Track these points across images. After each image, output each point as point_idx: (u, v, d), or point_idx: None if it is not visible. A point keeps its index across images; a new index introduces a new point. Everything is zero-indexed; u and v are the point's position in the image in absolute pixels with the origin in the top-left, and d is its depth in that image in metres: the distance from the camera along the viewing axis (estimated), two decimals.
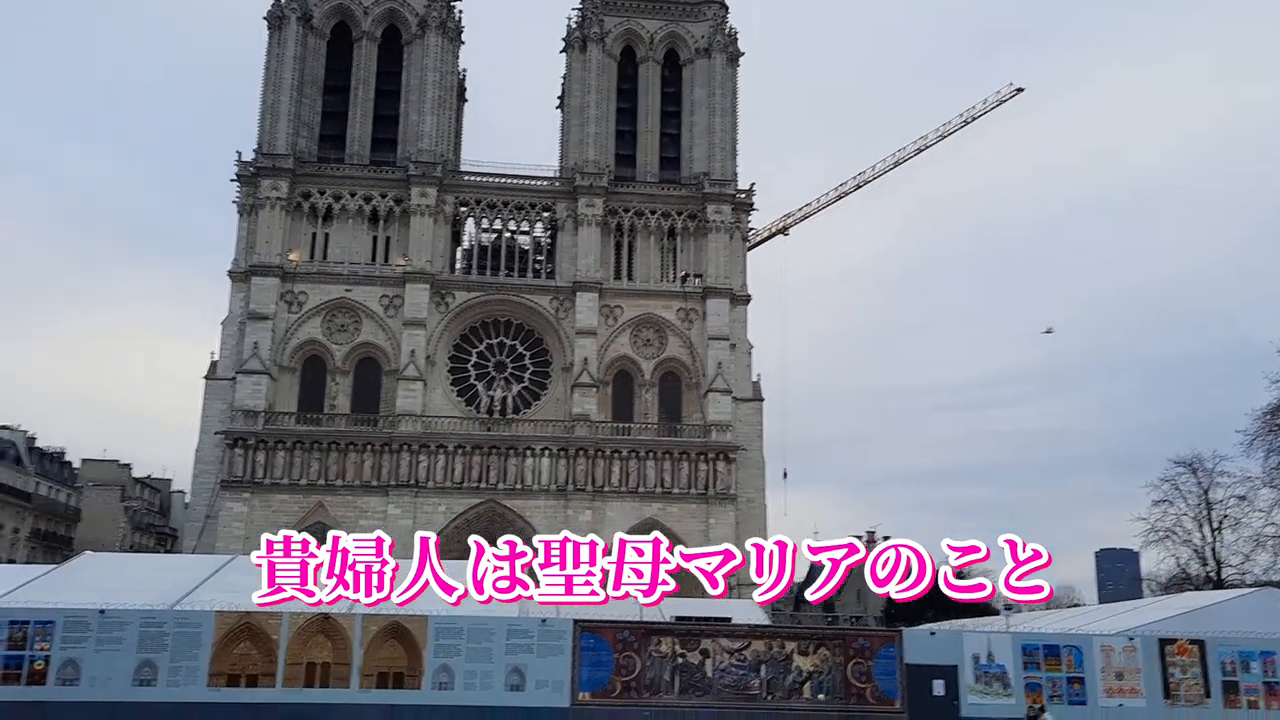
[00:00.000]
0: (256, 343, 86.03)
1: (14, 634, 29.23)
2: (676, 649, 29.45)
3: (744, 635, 29.87)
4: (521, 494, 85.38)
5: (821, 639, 29.83)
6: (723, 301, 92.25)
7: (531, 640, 29.75)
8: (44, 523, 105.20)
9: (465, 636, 29.70)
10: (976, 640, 29.83)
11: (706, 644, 29.49)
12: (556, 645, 29.75)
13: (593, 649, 29.47)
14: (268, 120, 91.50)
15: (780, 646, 29.42)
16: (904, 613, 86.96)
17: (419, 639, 29.60)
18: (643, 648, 29.47)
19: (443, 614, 29.91)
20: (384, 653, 29.53)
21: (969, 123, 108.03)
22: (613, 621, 30.28)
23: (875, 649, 29.47)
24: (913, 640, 29.85)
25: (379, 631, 29.63)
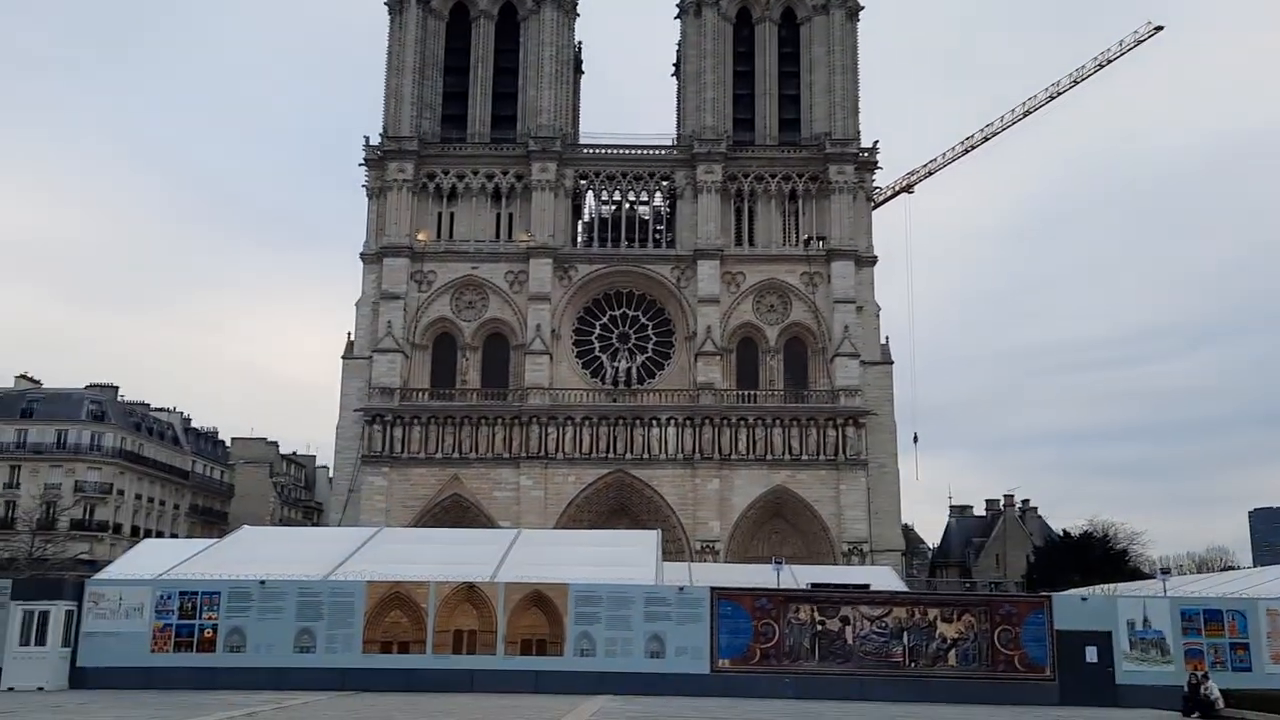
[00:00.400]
0: (390, 322, 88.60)
1: (184, 604, 31.01)
2: (815, 616, 29.31)
3: (885, 602, 29.51)
4: (649, 464, 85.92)
5: (966, 605, 29.24)
6: (848, 263, 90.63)
7: (670, 608, 30.02)
8: (201, 499, 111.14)
9: (604, 604, 30.16)
10: (1132, 605, 28.79)
11: (846, 611, 29.26)
12: (694, 613, 29.97)
13: (730, 616, 29.57)
14: (392, 104, 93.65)
15: (923, 613, 28.97)
16: (1046, 578, 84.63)
17: (560, 607, 30.21)
18: (781, 615, 29.41)
19: (582, 582, 30.43)
20: (526, 620, 30.25)
21: (1103, 66, 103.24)
22: (750, 589, 30.35)
23: (1023, 615, 28.74)
24: (1063, 606, 29.00)
25: (521, 599, 30.36)
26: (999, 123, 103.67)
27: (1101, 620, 28.71)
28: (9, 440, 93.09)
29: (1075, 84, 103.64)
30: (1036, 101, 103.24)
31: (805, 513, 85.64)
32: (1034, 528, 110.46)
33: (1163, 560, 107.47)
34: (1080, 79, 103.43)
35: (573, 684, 29.11)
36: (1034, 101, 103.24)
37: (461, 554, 34.56)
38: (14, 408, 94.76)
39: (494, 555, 33.72)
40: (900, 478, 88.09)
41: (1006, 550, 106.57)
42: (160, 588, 31.19)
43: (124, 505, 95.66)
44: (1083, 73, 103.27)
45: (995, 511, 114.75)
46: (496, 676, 29.61)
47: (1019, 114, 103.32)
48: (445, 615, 30.35)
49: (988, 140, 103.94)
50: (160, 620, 30.92)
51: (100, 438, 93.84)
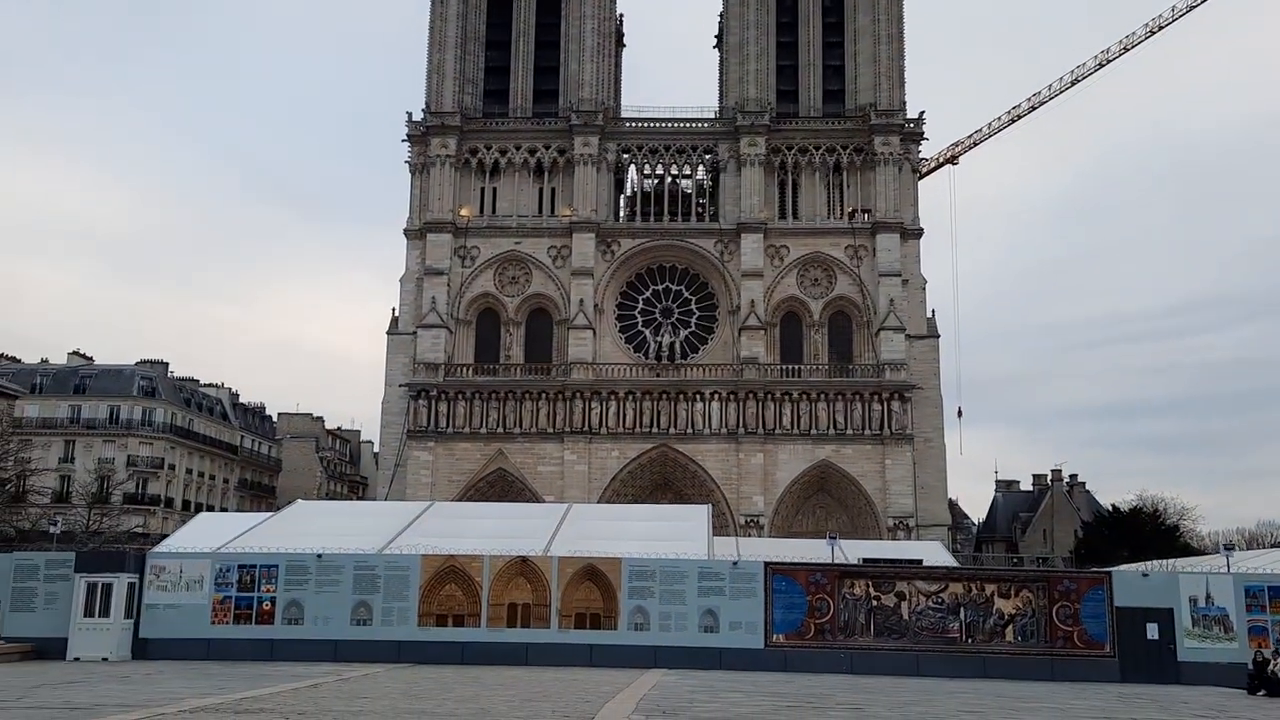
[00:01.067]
0: (434, 297, 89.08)
1: (243, 577, 31.45)
2: (871, 591, 29.12)
3: (941, 577, 29.27)
4: (693, 438, 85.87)
5: (1024, 581, 28.90)
6: (893, 236, 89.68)
7: (723, 582, 29.97)
8: (249, 473, 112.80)
9: (658, 579, 30.17)
10: (1194, 582, 28.33)
11: (902, 586, 29.04)
12: (748, 588, 29.89)
13: (785, 591, 29.47)
14: (434, 79, 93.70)
15: (980, 589, 28.69)
16: (1096, 554, 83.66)
17: (613, 581, 30.25)
18: (835, 590, 29.26)
19: (636, 556, 30.44)
20: (580, 594, 30.33)
21: (1155, 32, 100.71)
22: (804, 564, 30.21)
23: (1082, 591, 28.37)
24: (1123, 582, 28.59)
25: (575, 573, 30.44)
26: (1047, 91, 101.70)
27: (1163, 597, 28.29)
28: (63, 416, 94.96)
29: (1125, 51, 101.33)
30: (1085, 70, 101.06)
31: (850, 487, 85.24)
32: (1082, 503, 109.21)
33: (1212, 536, 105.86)
34: (1130, 46, 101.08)
35: (627, 658, 29.19)
36: (1082, 70, 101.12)
37: (514, 528, 34.70)
38: (68, 384, 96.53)
39: (546, 529, 33.83)
40: (946, 452, 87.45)
41: (1054, 526, 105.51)
42: (220, 560, 31.64)
43: (175, 479, 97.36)
44: (1133, 39, 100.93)
45: (1042, 486, 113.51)
46: (551, 650, 29.77)
47: (1066, 83, 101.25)
48: (499, 589, 30.52)
49: (1035, 110, 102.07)
50: (220, 593, 31.39)
51: (151, 413, 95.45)
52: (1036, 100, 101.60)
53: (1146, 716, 19.82)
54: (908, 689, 24.30)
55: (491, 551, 30.93)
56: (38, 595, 31.91)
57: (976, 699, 22.67)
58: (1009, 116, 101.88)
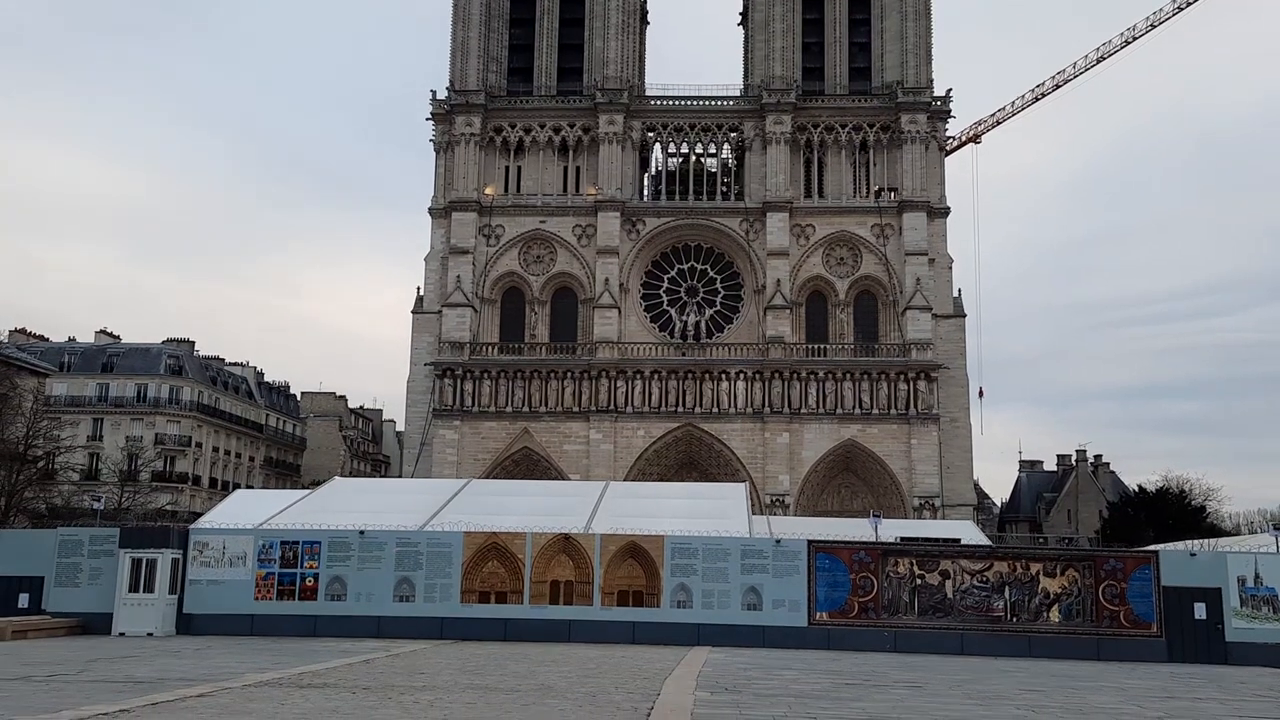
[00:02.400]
0: (459, 276, 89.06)
1: (286, 554, 31.57)
2: (915, 569, 29.01)
3: (985, 556, 29.12)
4: (718, 418, 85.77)
5: (1069, 560, 28.75)
6: (920, 215, 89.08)
7: (766, 560, 29.92)
8: (275, 451, 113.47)
9: (700, 556, 30.15)
10: (1243, 561, 28.10)
11: (946, 565, 28.92)
12: (791, 565, 29.83)
13: (828, 569, 29.40)
14: (458, 58, 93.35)
15: (1025, 568, 28.54)
16: (1122, 534, 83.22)
17: (656, 558, 30.25)
18: (879, 568, 29.16)
19: (678, 534, 30.42)
20: (623, 571, 30.34)
21: (1182, 8, 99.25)
22: (848, 542, 30.12)
23: (1129, 571, 28.19)
24: (1170, 562, 28.40)
25: (617, 551, 30.45)
26: (1071, 69, 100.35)
27: (1211, 576, 28.11)
28: (91, 394, 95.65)
29: (1152, 28, 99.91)
30: (1111, 47, 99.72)
31: (875, 467, 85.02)
32: (1106, 483, 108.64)
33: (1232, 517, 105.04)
34: (1158, 22, 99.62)
35: (670, 636, 29.22)
36: (1108, 47, 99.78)
37: (552, 505, 34.76)
38: (95, 362, 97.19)
39: (585, 507, 33.87)
40: (972, 433, 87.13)
41: (1079, 506, 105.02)
42: (262, 537, 31.80)
43: (202, 457, 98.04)
44: (1160, 15, 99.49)
45: (1066, 467, 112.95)
46: (594, 627, 29.82)
47: (1092, 60, 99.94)
48: (541, 566, 30.58)
49: (1059, 89, 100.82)
50: (263, 569, 31.56)
51: (179, 392, 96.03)
52: (1061, 79, 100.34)
53: (1208, 696, 19.69)
54: (958, 668, 24.23)
55: (534, 529, 30.97)
56: (82, 571, 32.16)
57: (1030, 678, 22.59)
58: (1033, 95, 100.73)
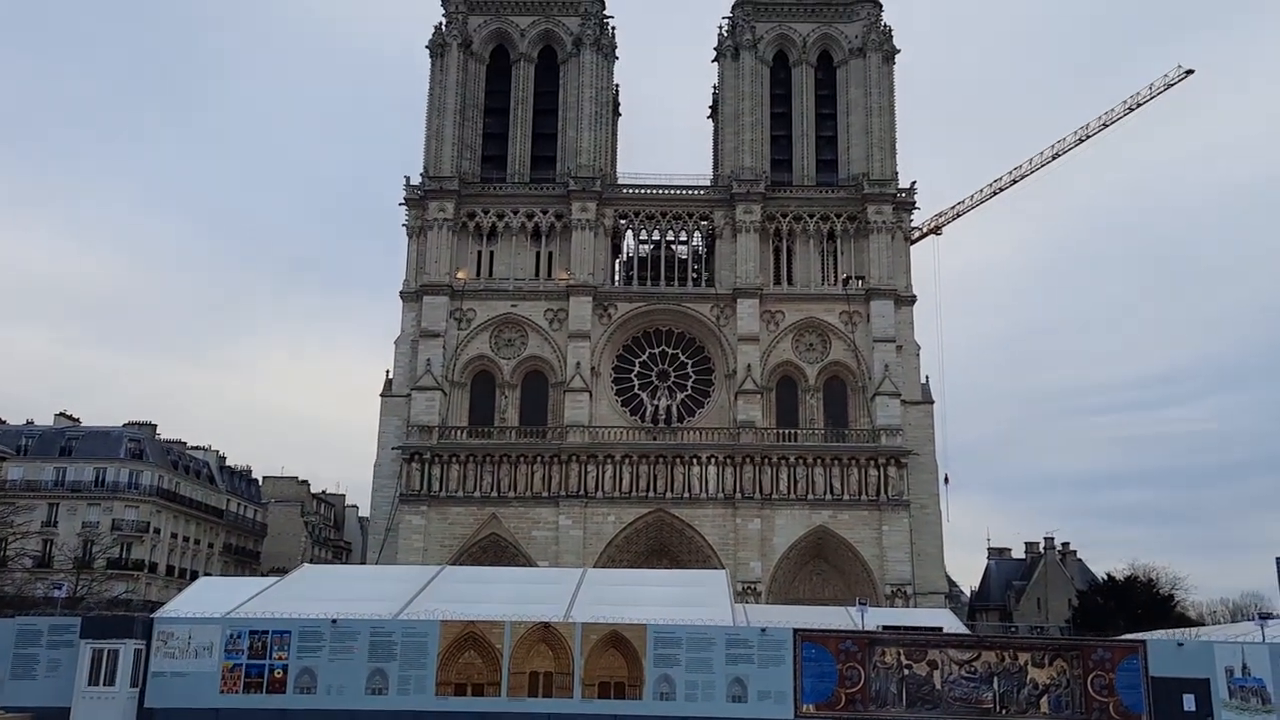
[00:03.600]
0: (429, 359, 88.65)
1: (254, 644, 30.53)
2: (902, 659, 28.53)
3: (973, 646, 28.72)
4: (689, 503, 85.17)
5: (1058, 650, 28.41)
6: (887, 303, 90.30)
7: (752, 650, 29.34)
8: (235, 537, 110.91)
9: (685, 646, 29.52)
10: (1230, 651, 27.90)
11: (934, 654, 28.46)
12: (777, 655, 29.28)
13: (815, 659, 28.85)
14: (433, 145, 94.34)
15: (1013, 657, 28.17)
16: (1092, 623, 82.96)
17: (638, 648, 29.59)
18: (866, 658, 28.67)
19: (661, 622, 29.83)
20: (604, 662, 29.62)
21: (1133, 109, 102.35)
22: (835, 631, 29.65)
23: (1117, 661, 27.90)
24: (1158, 651, 28.15)
25: (599, 640, 29.76)
26: (1028, 165, 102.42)
27: (1199, 667, 27.86)
28: (48, 479, 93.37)
29: (1104, 127, 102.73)
30: (1065, 145, 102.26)
31: (847, 553, 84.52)
32: (1074, 571, 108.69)
33: (1196, 606, 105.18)
34: (1109, 122, 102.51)
35: None
36: (1063, 145, 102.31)
37: (529, 593, 34.03)
38: (54, 445, 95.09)
39: (563, 594, 33.17)
40: (942, 519, 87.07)
41: (1048, 594, 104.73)
42: (230, 626, 30.76)
43: (160, 544, 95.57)
44: (1112, 116, 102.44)
45: (1035, 555, 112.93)
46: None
47: (1047, 157, 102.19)
48: (520, 656, 29.76)
49: (1016, 183, 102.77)
50: (230, 660, 30.46)
51: (138, 476, 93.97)
52: (1018, 174, 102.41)
53: None
54: None
55: (512, 617, 30.22)
56: (40, 662, 30.91)
57: None
58: (991, 189, 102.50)
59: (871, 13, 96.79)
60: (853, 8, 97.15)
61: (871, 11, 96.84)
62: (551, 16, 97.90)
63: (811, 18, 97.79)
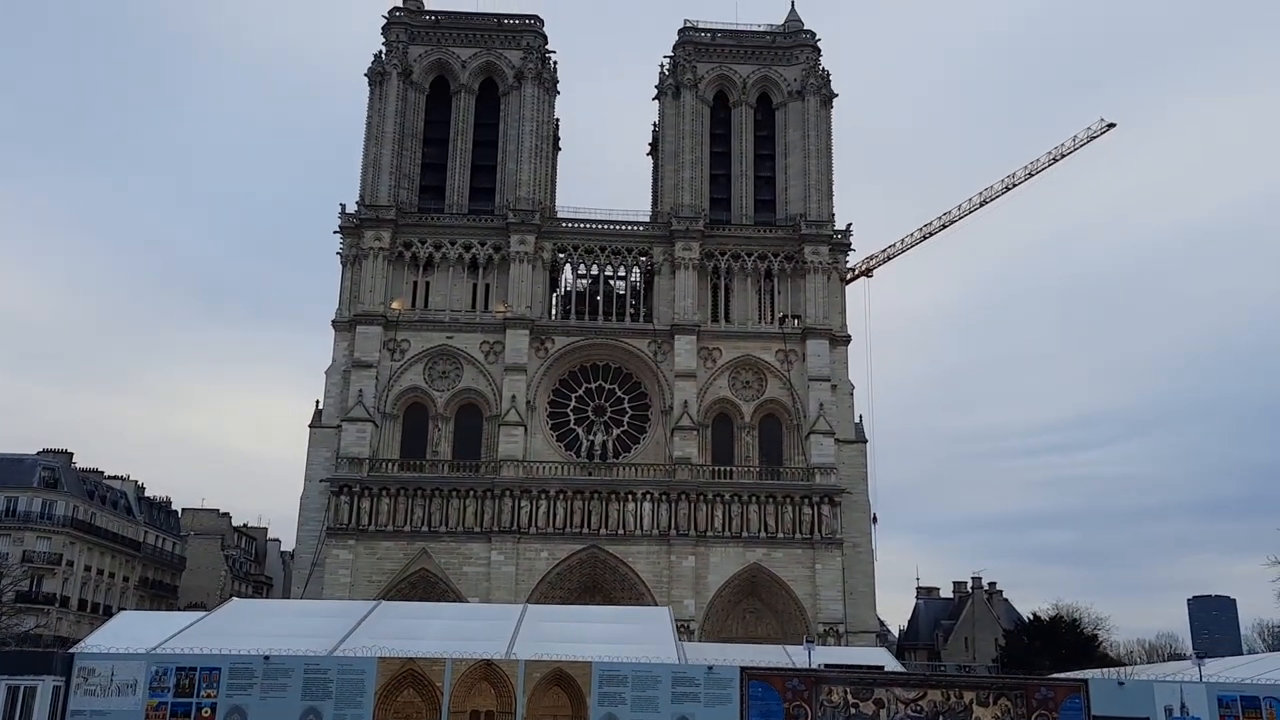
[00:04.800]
0: (361, 390, 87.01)
1: (181, 680, 29.27)
2: (849, 698, 28.34)
3: (919, 685, 28.65)
4: (624, 539, 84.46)
5: (1002, 689, 28.47)
6: (822, 342, 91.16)
7: (698, 688, 28.91)
8: (151, 571, 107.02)
9: (630, 684, 29.00)
10: (1169, 691, 28.24)
11: (881, 693, 28.34)
12: (724, 694, 28.88)
13: (761, 698, 28.52)
14: (370, 173, 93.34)
15: (959, 696, 28.16)
16: (1019, 662, 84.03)
17: (583, 686, 28.98)
18: (813, 697, 28.43)
19: (606, 660, 29.28)
20: (548, 700, 28.95)
21: (1057, 160, 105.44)
22: (781, 669, 29.38)
23: (1060, 700, 28.06)
24: (1099, 690, 28.37)
25: (542, 678, 29.09)
26: (957, 211, 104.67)
27: (1139, 706, 28.12)
28: None
29: (1030, 176, 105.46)
30: (992, 193, 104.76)
31: (780, 592, 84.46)
32: (1000, 611, 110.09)
33: (1114, 646, 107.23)
34: (1035, 172, 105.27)
35: None
36: (990, 193, 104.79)
37: (469, 629, 33.21)
38: None
39: (504, 631, 32.44)
40: (874, 558, 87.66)
41: (975, 634, 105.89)
42: (156, 662, 29.40)
43: (73, 577, 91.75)
44: (1037, 166, 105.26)
45: (963, 594, 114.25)
46: None
47: (975, 204, 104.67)
48: (461, 694, 28.92)
49: (946, 228, 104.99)
50: (154, 698, 29.07)
51: (52, 506, 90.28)
52: (947, 219, 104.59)
53: None
54: None
55: (453, 654, 29.39)
56: None
57: None
58: (921, 234, 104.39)
59: (810, 57, 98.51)
60: (792, 52, 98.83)
61: (810, 56, 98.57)
62: (493, 49, 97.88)
63: (752, 60, 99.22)
